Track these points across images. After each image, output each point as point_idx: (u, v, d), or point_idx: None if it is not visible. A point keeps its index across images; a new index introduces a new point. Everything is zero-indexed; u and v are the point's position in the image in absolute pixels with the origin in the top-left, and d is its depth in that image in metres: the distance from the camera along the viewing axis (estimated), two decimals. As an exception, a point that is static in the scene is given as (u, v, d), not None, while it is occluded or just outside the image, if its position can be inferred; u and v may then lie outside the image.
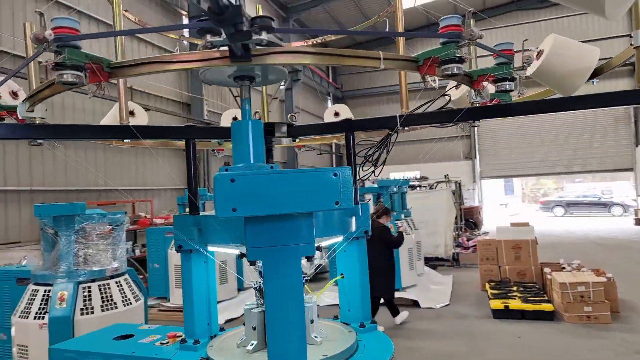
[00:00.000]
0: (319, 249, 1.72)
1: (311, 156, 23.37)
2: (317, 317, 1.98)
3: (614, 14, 1.65)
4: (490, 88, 1.98)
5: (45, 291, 4.65)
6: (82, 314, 4.52)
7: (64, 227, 4.74)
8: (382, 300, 6.83)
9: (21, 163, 9.10)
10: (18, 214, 9.00)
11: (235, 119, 3.10)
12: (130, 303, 4.88)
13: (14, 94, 2.13)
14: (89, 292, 4.70)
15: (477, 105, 1.95)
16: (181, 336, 2.15)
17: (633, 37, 1.82)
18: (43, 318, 4.47)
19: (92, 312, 4.58)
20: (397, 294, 8.44)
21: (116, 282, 4.91)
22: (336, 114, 3.16)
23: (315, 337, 1.91)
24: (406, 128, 2.23)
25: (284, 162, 20.62)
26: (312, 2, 20.69)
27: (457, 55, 1.70)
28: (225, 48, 1.42)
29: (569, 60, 2.07)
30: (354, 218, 1.97)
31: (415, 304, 8.28)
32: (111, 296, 4.79)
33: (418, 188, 17.93)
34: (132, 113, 2.68)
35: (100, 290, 4.77)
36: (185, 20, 13.76)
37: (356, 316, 2.18)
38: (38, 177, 9.40)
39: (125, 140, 2.35)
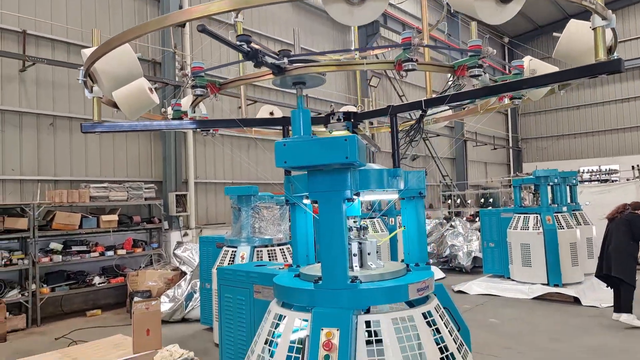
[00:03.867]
0: (357, 194, 2.43)
1: (485, 151, 22.57)
2: (375, 252, 2.68)
3: (492, 20, 1.86)
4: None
5: (232, 252, 6.28)
6: (255, 269, 5.95)
7: (244, 204, 6.30)
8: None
9: (226, 161, 11.67)
10: (223, 202, 11.54)
11: (271, 113, 3.95)
12: (290, 266, 6.15)
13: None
14: (261, 254, 6.16)
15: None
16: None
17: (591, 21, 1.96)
18: (231, 271, 6.07)
19: (262, 269, 5.97)
20: (554, 289, 8.09)
21: (280, 249, 6.28)
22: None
23: (371, 264, 2.62)
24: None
25: (453, 158, 20.47)
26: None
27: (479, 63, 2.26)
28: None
29: (581, 43, 2.22)
30: (401, 180, 2.62)
31: (575, 300, 7.78)
32: (276, 259, 6.16)
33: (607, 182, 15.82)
34: (271, 113, 3.78)
35: (268, 254, 6.19)
36: (353, 34, 15.10)
37: (414, 258, 2.80)
38: (237, 172, 11.88)
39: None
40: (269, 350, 2.37)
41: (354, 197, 2.36)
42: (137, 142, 10.00)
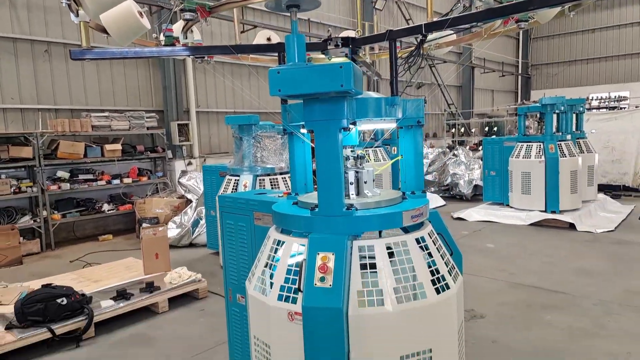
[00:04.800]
0: (354, 124, 2.41)
1: (493, 78, 21.96)
2: (371, 181, 2.72)
3: None
4: None
5: (235, 180, 6.38)
6: (258, 197, 6.07)
7: (246, 133, 6.29)
8: None
9: (227, 89, 11.46)
10: (226, 131, 11.51)
11: (269, 39, 3.81)
12: (292, 194, 6.27)
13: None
14: (263, 183, 6.26)
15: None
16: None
17: None
18: (234, 199, 6.21)
19: (265, 197, 6.09)
20: (550, 215, 8.26)
21: (282, 178, 6.37)
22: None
23: (367, 192, 2.67)
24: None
25: (460, 85, 19.99)
26: None
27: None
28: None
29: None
30: (399, 108, 2.58)
31: (571, 226, 7.97)
32: (278, 187, 6.27)
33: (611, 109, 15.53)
34: (269, 39, 3.65)
35: (271, 182, 6.29)
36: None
37: (410, 187, 2.84)
38: (238, 101, 11.72)
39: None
40: (269, 273, 2.49)
41: (351, 126, 2.34)
42: (135, 70, 9.79)
